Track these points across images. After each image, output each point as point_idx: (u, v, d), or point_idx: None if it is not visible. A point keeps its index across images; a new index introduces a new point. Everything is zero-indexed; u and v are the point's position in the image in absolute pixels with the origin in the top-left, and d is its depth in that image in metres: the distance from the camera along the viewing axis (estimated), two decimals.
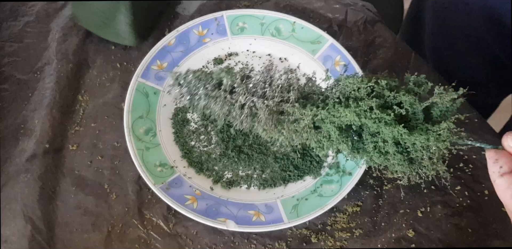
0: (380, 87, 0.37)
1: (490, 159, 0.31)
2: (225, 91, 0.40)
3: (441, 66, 0.61)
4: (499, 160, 0.31)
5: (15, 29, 0.60)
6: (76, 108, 0.57)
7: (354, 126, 0.37)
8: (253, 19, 0.57)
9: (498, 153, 0.31)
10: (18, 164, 0.53)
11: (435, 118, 0.37)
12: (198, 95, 0.41)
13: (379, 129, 0.36)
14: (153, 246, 0.51)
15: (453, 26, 0.66)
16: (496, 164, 0.31)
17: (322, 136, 0.39)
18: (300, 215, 0.50)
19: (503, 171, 0.30)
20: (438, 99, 0.35)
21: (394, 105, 0.36)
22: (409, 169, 0.37)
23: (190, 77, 0.41)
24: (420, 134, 0.34)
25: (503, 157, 0.31)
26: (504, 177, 0.30)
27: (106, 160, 0.54)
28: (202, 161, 0.54)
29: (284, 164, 0.54)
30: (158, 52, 0.55)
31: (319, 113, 0.37)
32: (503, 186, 0.30)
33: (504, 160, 0.30)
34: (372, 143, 0.38)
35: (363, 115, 0.36)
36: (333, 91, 0.39)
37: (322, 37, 0.56)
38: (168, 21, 0.61)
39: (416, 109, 0.36)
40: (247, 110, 0.40)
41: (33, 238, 0.50)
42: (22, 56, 0.59)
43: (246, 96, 0.40)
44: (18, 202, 0.51)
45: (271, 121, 0.40)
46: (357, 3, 0.62)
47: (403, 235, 0.51)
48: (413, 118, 0.37)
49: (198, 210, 0.50)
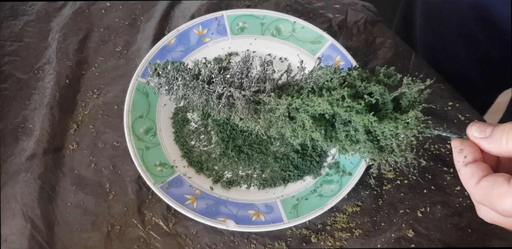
0: (351, 78, 0.38)
1: (455, 149, 0.32)
2: (203, 81, 0.41)
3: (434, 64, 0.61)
4: (463, 150, 0.32)
5: (15, 28, 0.60)
6: (76, 108, 0.57)
7: (327, 115, 0.39)
8: (253, 19, 0.57)
9: (463, 143, 0.32)
10: (18, 163, 0.53)
11: (404, 108, 0.38)
12: (176, 86, 0.42)
13: (350, 117, 0.37)
14: (152, 245, 0.51)
15: (444, 24, 0.66)
16: (461, 153, 0.32)
17: (297, 125, 0.40)
18: (300, 215, 0.50)
19: (467, 160, 0.31)
20: (406, 90, 0.37)
21: (365, 95, 0.37)
22: (379, 156, 0.38)
23: (168, 68, 0.42)
24: (389, 122, 0.36)
25: (467, 147, 0.32)
26: (468, 166, 0.31)
27: (106, 159, 0.54)
28: (202, 160, 0.54)
29: (284, 163, 0.54)
30: (158, 52, 0.55)
31: (294, 102, 0.39)
32: (467, 175, 0.30)
33: (469, 150, 0.31)
34: (344, 132, 0.39)
35: (336, 104, 0.37)
36: (308, 81, 0.41)
37: (322, 37, 0.56)
38: (168, 20, 0.61)
39: (386, 99, 0.37)
40: (224, 100, 0.41)
41: (32, 238, 0.50)
42: (22, 56, 0.59)
43: (224, 87, 0.41)
44: (18, 201, 0.51)
45: (248, 110, 0.41)
46: (358, 3, 0.62)
47: (403, 235, 0.51)
48: (383, 108, 0.38)
49: (198, 210, 0.50)
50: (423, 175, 0.54)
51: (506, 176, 0.29)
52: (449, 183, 0.54)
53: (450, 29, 0.66)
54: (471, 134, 0.31)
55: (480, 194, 0.30)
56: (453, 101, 0.57)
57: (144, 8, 0.62)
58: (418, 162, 0.55)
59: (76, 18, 0.61)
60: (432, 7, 0.66)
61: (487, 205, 0.30)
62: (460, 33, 0.65)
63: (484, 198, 0.29)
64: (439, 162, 0.55)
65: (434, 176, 0.54)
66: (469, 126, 0.32)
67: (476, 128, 0.31)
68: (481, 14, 0.59)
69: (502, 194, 0.28)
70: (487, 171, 0.30)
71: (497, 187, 0.28)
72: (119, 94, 0.57)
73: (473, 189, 0.30)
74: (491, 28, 0.60)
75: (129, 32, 0.61)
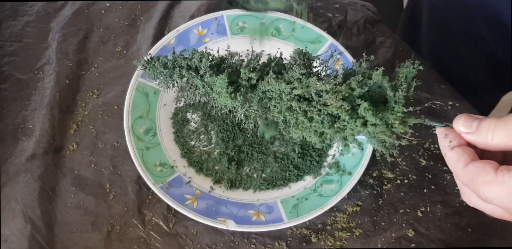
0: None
1: (440, 134, 0.33)
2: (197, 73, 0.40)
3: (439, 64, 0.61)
4: (448, 135, 0.32)
5: (15, 28, 0.60)
6: (76, 108, 0.57)
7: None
8: (253, 19, 0.57)
9: (448, 129, 0.32)
10: (18, 163, 0.53)
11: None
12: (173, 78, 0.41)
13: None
14: (153, 245, 0.51)
15: (450, 24, 0.66)
16: (446, 138, 0.32)
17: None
18: (300, 214, 0.50)
19: (453, 144, 0.31)
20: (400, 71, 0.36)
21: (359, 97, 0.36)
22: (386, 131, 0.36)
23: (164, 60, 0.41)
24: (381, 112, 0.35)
25: (452, 133, 0.32)
26: (454, 150, 0.31)
27: (106, 159, 0.54)
28: (202, 160, 0.54)
29: (284, 163, 0.54)
30: (158, 52, 0.55)
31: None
32: (454, 159, 0.31)
33: (453, 135, 0.32)
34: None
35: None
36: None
37: (322, 36, 0.56)
38: (168, 20, 0.61)
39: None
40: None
41: (32, 238, 0.50)
42: (22, 56, 0.59)
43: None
44: (18, 201, 0.51)
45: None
46: (357, 2, 0.62)
47: (403, 235, 0.51)
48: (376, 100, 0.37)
49: (198, 210, 0.50)
50: (423, 175, 0.54)
51: (494, 164, 0.29)
52: (449, 182, 0.54)
53: (456, 29, 0.66)
54: (457, 127, 0.32)
55: (466, 178, 0.30)
56: (453, 100, 0.57)
57: (144, 8, 0.62)
58: (418, 162, 0.55)
59: (76, 18, 0.61)
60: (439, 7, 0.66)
61: (471, 188, 0.30)
62: (466, 33, 0.65)
63: (470, 182, 0.30)
64: (439, 161, 0.55)
65: (434, 176, 0.54)
66: (455, 118, 0.32)
67: (462, 122, 0.31)
68: (488, 14, 0.59)
69: (488, 181, 0.29)
70: (473, 155, 0.30)
71: (483, 174, 0.29)
72: (119, 94, 0.57)
73: (461, 172, 0.30)
74: (497, 28, 0.60)
75: (129, 32, 0.61)
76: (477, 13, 0.60)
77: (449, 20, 0.66)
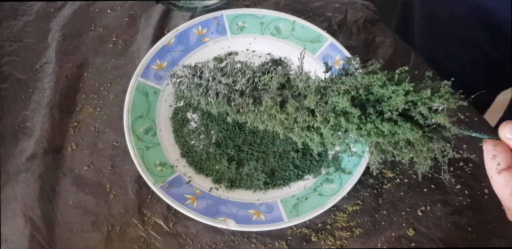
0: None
1: (487, 153, 0.30)
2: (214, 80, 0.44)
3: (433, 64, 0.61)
4: (497, 156, 0.30)
5: (15, 28, 0.60)
6: (76, 108, 0.57)
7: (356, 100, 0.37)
8: (253, 19, 0.57)
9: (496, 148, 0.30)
10: (18, 163, 0.53)
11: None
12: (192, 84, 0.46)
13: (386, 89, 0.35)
14: (153, 245, 0.51)
15: (443, 24, 0.66)
16: (494, 160, 0.30)
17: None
18: (300, 214, 0.50)
19: (501, 167, 0.29)
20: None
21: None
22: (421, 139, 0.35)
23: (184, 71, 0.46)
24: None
25: (501, 153, 0.30)
26: (501, 174, 0.29)
27: (106, 159, 0.54)
28: (202, 160, 0.54)
29: (284, 163, 0.54)
30: (158, 51, 0.55)
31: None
32: (501, 184, 0.29)
33: (502, 156, 0.30)
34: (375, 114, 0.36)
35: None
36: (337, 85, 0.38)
37: (322, 36, 0.56)
38: (168, 20, 0.61)
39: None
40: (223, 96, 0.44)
41: (33, 238, 0.50)
42: (22, 56, 0.59)
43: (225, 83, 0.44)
44: (18, 201, 0.51)
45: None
46: (357, 2, 0.62)
47: (403, 234, 0.51)
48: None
49: (198, 209, 0.50)
50: (423, 174, 0.54)
51: None
52: (448, 181, 0.54)
53: (449, 28, 0.66)
54: (503, 134, 0.29)
55: None
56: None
57: (144, 7, 0.62)
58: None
59: (75, 18, 0.61)
60: (431, 7, 0.66)
61: None
62: (459, 33, 0.65)
63: None
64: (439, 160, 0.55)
65: (434, 175, 0.54)
66: (501, 125, 0.30)
67: (509, 128, 0.29)
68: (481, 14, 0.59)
69: None
70: None
71: None
72: (119, 94, 0.57)
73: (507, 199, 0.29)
74: (490, 28, 0.60)
75: (129, 32, 0.61)
76: (470, 13, 0.60)
77: (442, 21, 0.66)
